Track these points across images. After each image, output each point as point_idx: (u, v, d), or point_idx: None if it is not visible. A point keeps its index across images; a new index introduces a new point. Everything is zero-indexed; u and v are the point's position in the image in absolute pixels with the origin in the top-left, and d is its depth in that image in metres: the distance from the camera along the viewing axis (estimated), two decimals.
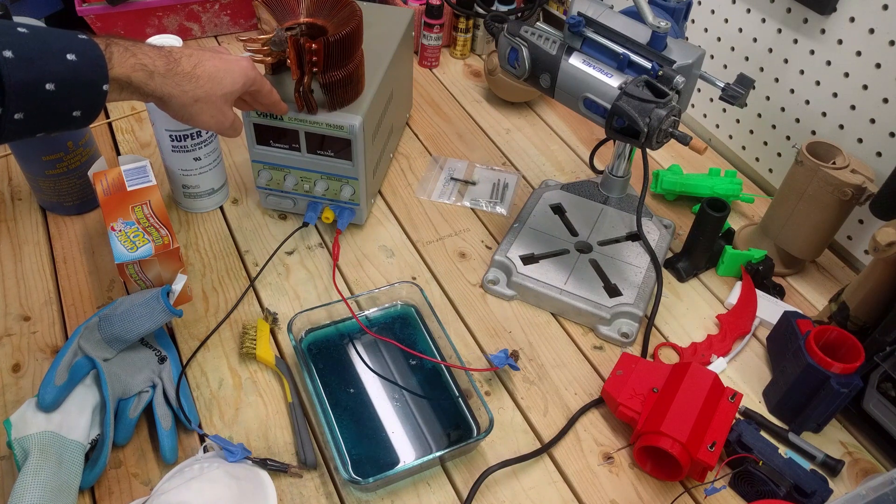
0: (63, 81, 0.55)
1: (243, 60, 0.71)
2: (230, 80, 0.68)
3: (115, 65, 0.59)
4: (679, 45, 0.73)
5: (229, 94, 0.69)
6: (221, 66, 0.67)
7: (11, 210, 0.92)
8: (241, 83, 0.69)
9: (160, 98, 0.64)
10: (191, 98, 0.65)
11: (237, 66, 0.69)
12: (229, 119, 0.71)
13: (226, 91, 0.68)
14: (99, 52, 0.57)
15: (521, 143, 1.11)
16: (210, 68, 0.66)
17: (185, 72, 0.64)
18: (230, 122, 0.71)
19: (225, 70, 0.67)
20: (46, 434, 0.63)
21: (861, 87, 0.87)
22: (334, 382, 0.75)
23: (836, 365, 0.70)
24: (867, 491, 0.57)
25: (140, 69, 0.61)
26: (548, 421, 0.75)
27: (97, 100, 0.58)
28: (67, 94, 0.56)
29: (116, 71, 0.59)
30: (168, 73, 0.63)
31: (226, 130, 0.72)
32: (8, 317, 0.80)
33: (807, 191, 0.84)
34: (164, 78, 0.62)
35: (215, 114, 0.68)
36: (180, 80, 0.64)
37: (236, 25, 1.29)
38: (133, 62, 0.60)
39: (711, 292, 0.90)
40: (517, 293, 0.86)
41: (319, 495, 0.67)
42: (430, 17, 1.20)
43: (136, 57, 0.61)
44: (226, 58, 0.69)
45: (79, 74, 0.56)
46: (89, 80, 0.56)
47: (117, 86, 0.60)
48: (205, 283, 0.85)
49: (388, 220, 0.96)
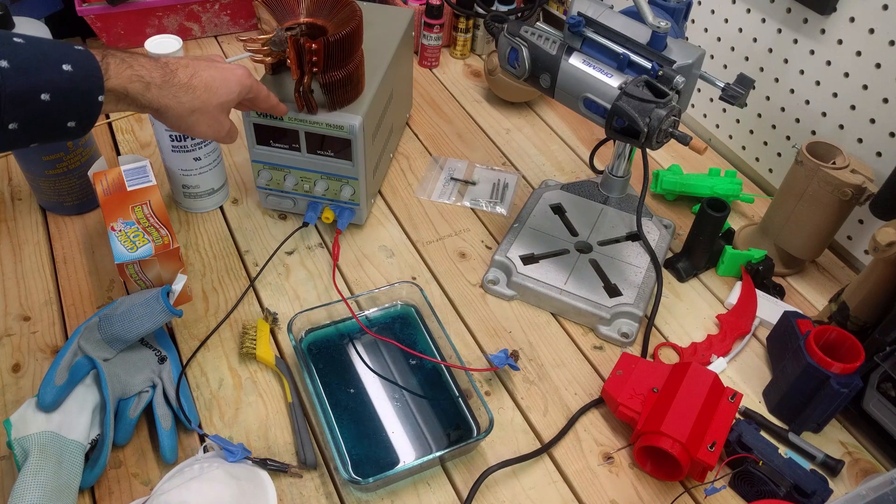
0: (58, 92, 0.54)
1: (239, 69, 0.71)
2: (226, 90, 0.68)
3: (112, 76, 0.58)
4: (679, 45, 0.73)
5: (225, 104, 0.69)
6: (217, 75, 0.67)
7: (11, 210, 0.92)
8: (236, 92, 0.69)
9: (157, 109, 0.64)
10: (187, 109, 0.65)
11: (233, 76, 0.69)
12: (225, 127, 0.71)
13: (222, 101, 0.68)
14: (95, 62, 0.57)
15: (521, 143, 1.11)
16: (206, 78, 0.66)
17: (182, 83, 0.64)
18: (226, 131, 0.71)
19: (221, 80, 0.68)
20: (46, 434, 0.63)
21: (861, 87, 0.87)
22: (334, 382, 0.75)
23: (836, 365, 0.70)
24: (867, 491, 0.57)
25: (137, 80, 0.60)
26: (548, 421, 0.75)
27: (92, 111, 0.58)
28: (63, 104, 0.55)
29: (113, 82, 0.58)
30: (164, 85, 0.62)
31: (222, 138, 0.72)
32: (8, 317, 0.80)
33: (807, 191, 0.84)
34: (161, 89, 0.62)
35: (212, 123, 0.68)
36: (177, 92, 0.64)
37: (236, 25, 1.28)
38: (130, 73, 0.60)
39: (711, 292, 0.90)
40: (517, 293, 0.86)
41: (319, 495, 0.67)
42: (430, 17, 1.20)
43: (133, 68, 0.60)
44: (221, 67, 0.69)
45: (74, 85, 0.55)
46: (85, 90, 0.56)
47: (114, 97, 0.59)
48: (205, 283, 0.85)
49: (388, 220, 0.96)
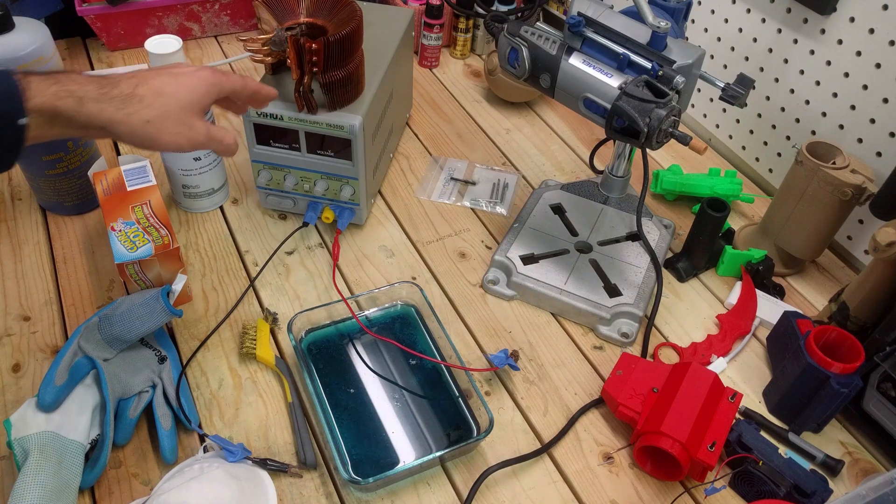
0: None
1: (201, 70, 0.63)
2: (186, 92, 0.60)
3: (35, 94, 0.52)
4: (679, 45, 0.73)
5: (191, 105, 0.61)
6: (170, 80, 0.60)
7: (11, 210, 0.92)
8: (202, 91, 0.61)
9: (102, 127, 0.56)
10: (140, 120, 0.57)
11: (193, 78, 0.62)
12: (199, 133, 0.61)
13: (184, 103, 0.60)
14: (12, 82, 0.51)
15: (521, 143, 1.11)
16: (156, 85, 0.59)
17: (124, 93, 0.57)
18: (204, 135, 0.62)
19: (176, 84, 0.60)
20: (46, 434, 0.63)
21: (861, 87, 0.87)
22: (334, 382, 0.75)
23: (836, 365, 0.70)
24: (867, 491, 0.57)
25: (66, 95, 0.53)
26: (548, 421, 0.75)
27: (13, 136, 0.51)
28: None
29: (36, 101, 0.52)
30: (102, 97, 0.55)
31: (202, 144, 0.62)
32: (8, 317, 0.80)
33: (807, 191, 0.84)
34: (98, 102, 0.55)
35: (179, 130, 0.60)
36: (120, 104, 0.56)
37: (236, 25, 1.28)
38: (56, 89, 0.53)
39: (711, 292, 0.90)
40: (517, 293, 0.86)
41: (319, 495, 0.67)
42: (430, 17, 1.20)
43: (61, 84, 0.54)
44: (176, 72, 0.61)
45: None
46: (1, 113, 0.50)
47: (43, 119, 0.53)
48: (205, 283, 0.85)
49: (388, 220, 0.96)
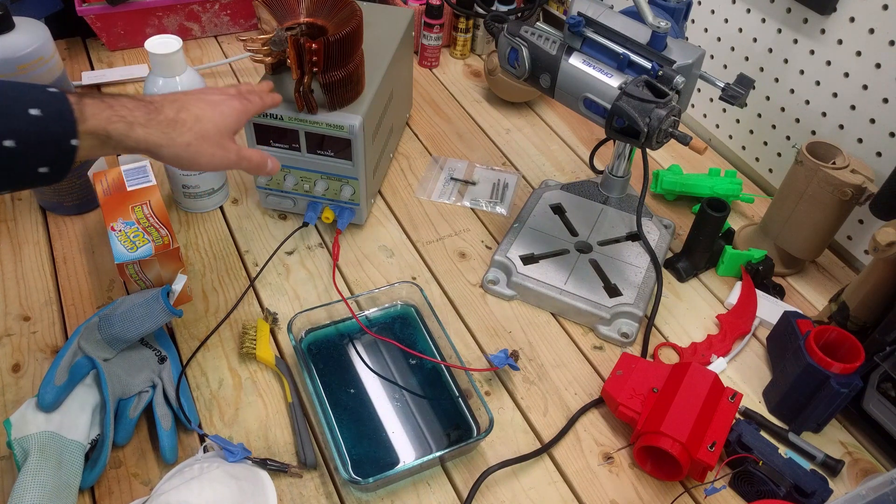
0: (24, 138, 0.51)
1: (233, 100, 0.67)
2: (221, 118, 0.65)
3: (89, 117, 0.55)
4: (679, 45, 0.73)
5: (226, 129, 0.65)
6: (207, 108, 0.64)
7: (11, 210, 0.92)
8: (234, 118, 0.66)
9: (148, 150, 0.60)
10: (182, 143, 0.61)
11: (227, 107, 0.66)
12: (233, 153, 0.66)
13: (220, 127, 0.64)
14: (68, 105, 0.54)
15: (521, 143, 1.11)
16: (196, 111, 0.63)
17: (169, 118, 0.61)
18: (235, 155, 0.66)
19: (213, 111, 0.64)
20: (46, 434, 0.63)
21: (861, 87, 0.87)
22: (334, 382, 0.75)
23: (836, 365, 0.70)
24: (867, 491, 0.57)
25: (118, 120, 0.57)
26: (548, 421, 0.75)
27: (65, 156, 0.54)
28: (30, 150, 0.52)
29: (90, 124, 0.55)
30: (149, 123, 0.59)
31: (235, 164, 0.67)
32: (8, 317, 0.80)
33: (807, 191, 0.84)
34: (146, 128, 0.59)
35: (215, 151, 0.64)
36: (165, 128, 0.60)
37: (236, 25, 1.28)
38: (109, 114, 0.56)
39: (711, 292, 0.90)
40: (517, 293, 0.86)
41: (319, 495, 0.67)
42: (430, 17, 1.20)
43: (113, 109, 0.57)
44: (211, 99, 0.66)
45: (43, 129, 0.52)
46: (55, 134, 0.53)
47: (96, 140, 0.56)
48: (205, 283, 0.85)
49: (388, 220, 0.96)
